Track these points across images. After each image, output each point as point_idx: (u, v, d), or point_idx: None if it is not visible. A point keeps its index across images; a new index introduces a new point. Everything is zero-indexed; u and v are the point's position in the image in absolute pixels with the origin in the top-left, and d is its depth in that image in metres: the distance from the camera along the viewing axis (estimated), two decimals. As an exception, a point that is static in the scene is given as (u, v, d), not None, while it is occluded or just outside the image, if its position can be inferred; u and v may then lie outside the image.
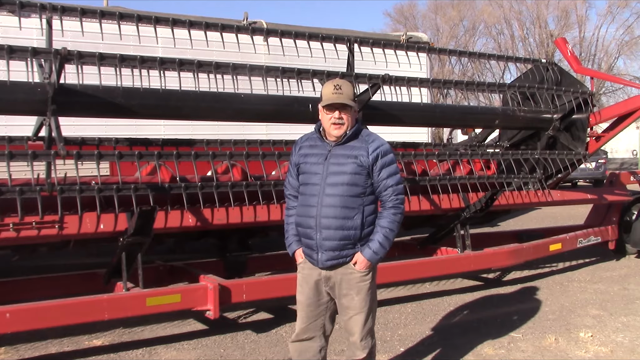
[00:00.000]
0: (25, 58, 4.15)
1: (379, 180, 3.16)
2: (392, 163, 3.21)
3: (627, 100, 7.81)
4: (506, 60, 7.41)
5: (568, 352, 4.65)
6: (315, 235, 3.15)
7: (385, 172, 3.16)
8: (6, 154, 4.14)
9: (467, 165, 6.73)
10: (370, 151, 3.13)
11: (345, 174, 3.11)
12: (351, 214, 3.11)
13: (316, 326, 3.30)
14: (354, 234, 3.13)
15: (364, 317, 3.23)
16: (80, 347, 4.75)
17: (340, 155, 3.15)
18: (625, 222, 8.14)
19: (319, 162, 3.19)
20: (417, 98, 6.06)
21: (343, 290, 3.21)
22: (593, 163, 18.24)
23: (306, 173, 3.24)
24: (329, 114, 3.15)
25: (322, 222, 3.12)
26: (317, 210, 3.13)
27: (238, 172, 5.50)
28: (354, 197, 3.12)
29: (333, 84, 3.16)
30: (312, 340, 3.31)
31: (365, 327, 3.25)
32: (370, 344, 3.31)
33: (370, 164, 3.13)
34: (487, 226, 9.17)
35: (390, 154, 3.21)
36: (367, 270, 3.20)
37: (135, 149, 5.09)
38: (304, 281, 3.30)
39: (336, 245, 3.13)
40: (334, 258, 3.16)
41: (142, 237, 4.44)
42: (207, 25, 4.91)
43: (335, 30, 8.39)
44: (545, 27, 38.94)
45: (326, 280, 3.24)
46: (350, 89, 3.18)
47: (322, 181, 3.14)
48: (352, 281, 3.19)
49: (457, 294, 6.49)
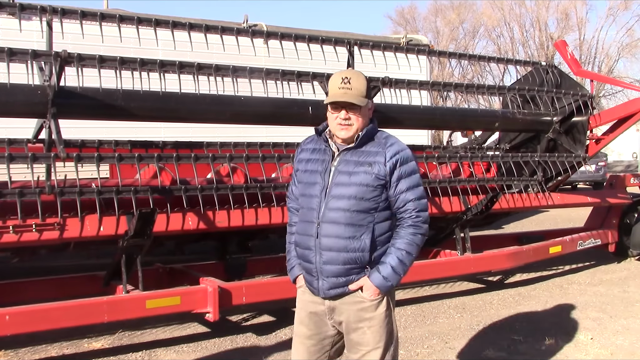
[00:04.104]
0: (25, 60, 4.16)
1: (397, 193, 2.60)
2: (414, 173, 2.63)
3: (627, 102, 7.82)
4: (506, 63, 7.44)
5: (568, 354, 4.64)
6: (315, 257, 2.62)
7: (404, 184, 2.59)
8: (6, 156, 4.15)
9: (467, 167, 6.73)
10: (388, 157, 2.57)
11: (355, 184, 2.57)
12: (358, 233, 2.56)
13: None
14: (360, 256, 2.57)
15: (380, 355, 2.63)
16: (80, 350, 4.75)
17: (351, 162, 2.60)
18: (625, 224, 8.14)
19: (319, 170, 2.66)
20: (417, 100, 6.06)
21: (352, 324, 2.64)
22: (593, 166, 18.24)
23: (304, 183, 2.73)
24: (335, 113, 2.61)
25: (322, 242, 2.59)
26: (316, 228, 2.61)
27: (238, 174, 5.51)
28: (363, 212, 2.57)
29: (341, 76, 2.60)
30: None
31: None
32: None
33: (387, 173, 2.57)
34: (488, 229, 9.17)
35: (412, 162, 2.64)
36: (380, 297, 2.62)
37: (135, 151, 5.10)
38: (303, 310, 2.77)
39: (340, 271, 2.58)
40: (338, 286, 2.61)
41: (141, 239, 4.44)
42: (207, 27, 4.92)
43: (335, 33, 8.40)
44: (545, 30, 38.98)
45: (330, 312, 2.68)
46: (362, 83, 2.60)
47: (324, 192, 2.61)
48: (362, 312, 2.62)
49: (457, 296, 6.48)
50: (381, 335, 2.64)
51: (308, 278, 2.70)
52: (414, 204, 2.61)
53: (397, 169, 2.59)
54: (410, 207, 2.61)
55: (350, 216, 2.56)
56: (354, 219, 2.57)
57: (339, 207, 2.58)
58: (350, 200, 2.57)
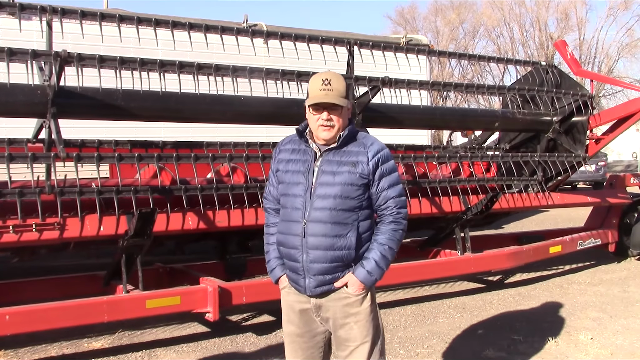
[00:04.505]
0: (25, 60, 4.17)
1: (379, 191, 2.69)
2: (394, 171, 2.74)
3: (627, 102, 7.81)
4: (506, 63, 7.47)
5: (568, 354, 4.64)
6: (301, 256, 2.66)
7: (386, 182, 2.69)
8: (6, 156, 4.15)
9: (467, 167, 6.74)
10: (370, 156, 2.66)
11: (339, 184, 2.63)
12: (344, 232, 2.63)
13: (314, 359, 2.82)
14: (347, 254, 2.64)
15: (367, 349, 2.70)
16: (79, 350, 4.75)
17: (334, 162, 2.67)
18: (625, 224, 8.14)
19: (301, 170, 2.70)
20: (416, 100, 6.07)
21: (339, 320, 2.71)
22: (593, 165, 18.24)
23: (286, 183, 2.74)
24: (316, 115, 2.66)
25: (309, 241, 2.63)
26: (302, 228, 2.65)
27: (238, 174, 5.51)
28: (348, 211, 2.64)
29: (321, 78, 2.65)
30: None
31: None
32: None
33: (370, 172, 2.66)
34: (488, 228, 9.17)
35: (392, 161, 2.74)
36: (365, 291, 2.70)
37: (135, 151, 5.10)
38: (290, 309, 2.81)
39: (326, 269, 2.64)
40: (324, 283, 2.66)
41: (142, 239, 4.44)
42: (207, 27, 4.92)
43: (335, 33, 8.40)
44: (545, 30, 38.97)
45: (316, 310, 2.73)
46: (341, 84, 2.67)
47: (308, 192, 2.66)
48: (348, 307, 2.69)
49: (457, 296, 6.48)
50: (368, 330, 2.72)
51: (294, 277, 2.74)
52: (394, 201, 2.71)
53: (379, 168, 2.68)
54: (391, 204, 2.71)
55: (336, 215, 2.63)
56: (340, 217, 2.64)
57: (324, 206, 2.64)
58: (336, 200, 2.64)
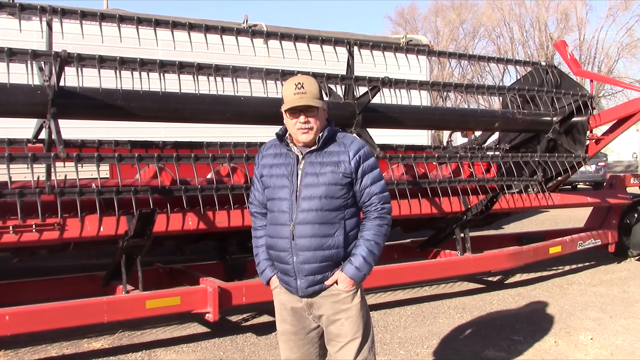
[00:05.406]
0: (25, 60, 4.17)
1: (363, 188, 2.73)
2: (375, 167, 2.78)
3: (627, 102, 7.82)
4: (506, 63, 7.42)
5: (568, 354, 4.64)
6: (292, 258, 2.70)
7: (368, 179, 2.73)
8: (6, 156, 4.14)
9: (467, 168, 6.74)
10: (351, 155, 2.70)
11: (323, 184, 2.67)
12: (331, 231, 2.67)
13: (310, 355, 2.87)
14: (336, 253, 2.69)
15: (358, 345, 2.75)
16: (79, 350, 4.75)
17: (316, 164, 2.70)
18: (625, 224, 8.14)
19: (285, 174, 2.73)
20: (416, 101, 6.07)
21: (330, 317, 2.76)
22: (593, 166, 18.25)
23: (271, 187, 2.78)
24: (293, 119, 2.68)
25: (298, 243, 2.67)
26: (290, 230, 2.69)
27: (238, 174, 5.51)
28: (334, 210, 2.68)
29: (294, 83, 2.69)
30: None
31: (361, 358, 2.77)
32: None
33: (353, 170, 2.70)
34: (488, 229, 9.17)
35: (372, 158, 2.78)
36: (355, 287, 2.75)
37: (135, 151, 5.10)
38: (283, 308, 2.86)
39: (317, 269, 2.69)
40: (315, 283, 2.71)
41: (142, 239, 4.44)
42: (207, 27, 4.93)
43: (335, 33, 8.41)
44: (545, 30, 38.97)
45: (309, 308, 2.79)
46: (314, 86, 2.71)
47: (294, 195, 2.69)
48: (339, 304, 2.74)
49: (457, 296, 6.48)
50: (358, 326, 2.77)
51: (285, 279, 2.78)
52: (378, 197, 2.75)
53: (361, 166, 2.72)
54: (375, 201, 2.75)
55: (323, 215, 2.68)
56: (327, 217, 2.68)
57: (310, 207, 2.67)
58: (322, 200, 2.67)
